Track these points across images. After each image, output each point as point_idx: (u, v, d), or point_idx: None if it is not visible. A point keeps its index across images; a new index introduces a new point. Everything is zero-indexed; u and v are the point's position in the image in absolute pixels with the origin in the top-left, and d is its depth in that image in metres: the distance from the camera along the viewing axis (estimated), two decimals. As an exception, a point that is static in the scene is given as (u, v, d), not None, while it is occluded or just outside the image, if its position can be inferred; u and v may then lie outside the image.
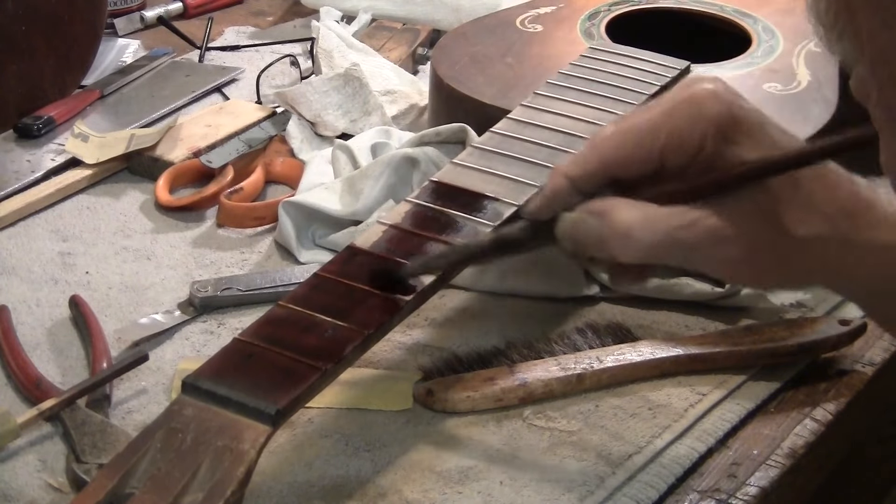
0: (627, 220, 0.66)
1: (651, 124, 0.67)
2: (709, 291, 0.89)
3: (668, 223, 0.66)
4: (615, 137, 0.68)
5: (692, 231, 0.66)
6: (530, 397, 0.80)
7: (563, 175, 0.69)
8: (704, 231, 0.65)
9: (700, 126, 0.66)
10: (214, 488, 0.60)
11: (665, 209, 0.66)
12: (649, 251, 0.66)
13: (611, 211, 0.67)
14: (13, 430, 0.75)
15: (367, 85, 1.12)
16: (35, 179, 1.06)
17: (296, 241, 0.96)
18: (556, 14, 1.13)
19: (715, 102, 0.66)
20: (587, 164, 0.69)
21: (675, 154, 0.67)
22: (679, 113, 0.67)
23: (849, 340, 0.85)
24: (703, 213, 0.66)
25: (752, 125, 0.66)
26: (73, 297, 0.89)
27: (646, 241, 0.66)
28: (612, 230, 0.66)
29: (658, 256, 0.67)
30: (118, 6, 1.41)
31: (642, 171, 0.67)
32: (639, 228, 0.66)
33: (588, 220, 0.67)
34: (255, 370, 0.66)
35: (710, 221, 0.66)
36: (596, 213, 0.67)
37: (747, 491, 0.75)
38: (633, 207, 0.66)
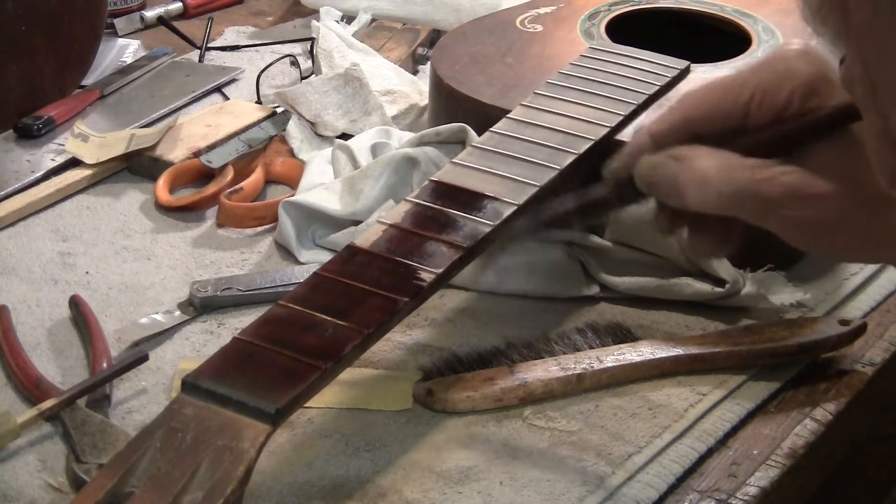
0: (706, 166, 0.64)
1: (738, 78, 0.66)
2: (709, 291, 0.89)
3: (748, 174, 0.63)
4: (700, 91, 0.67)
5: (774, 184, 0.63)
6: (530, 397, 0.80)
7: (645, 131, 0.68)
8: (787, 186, 0.63)
9: (789, 83, 0.64)
10: (214, 487, 0.60)
11: (747, 160, 0.64)
12: (725, 201, 0.64)
13: (691, 156, 0.65)
14: (13, 430, 0.75)
15: (367, 85, 1.12)
16: (35, 179, 1.06)
17: (296, 241, 0.96)
18: (556, 14, 1.13)
19: (806, 62, 0.65)
20: (671, 118, 0.67)
21: (760, 109, 0.65)
22: (767, 69, 0.66)
23: (849, 340, 0.85)
24: (787, 167, 0.63)
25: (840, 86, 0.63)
26: (73, 297, 0.89)
27: (723, 189, 0.64)
28: (690, 175, 0.64)
29: (734, 208, 0.64)
30: (118, 6, 1.41)
31: (726, 125, 0.66)
32: (717, 176, 0.64)
33: (667, 163, 0.66)
34: (255, 369, 0.66)
35: (795, 177, 0.63)
36: (676, 157, 0.65)
37: (747, 491, 0.75)
38: (714, 155, 0.64)
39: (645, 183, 0.67)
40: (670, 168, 0.66)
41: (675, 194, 0.65)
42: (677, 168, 0.65)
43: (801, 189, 0.63)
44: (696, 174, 0.64)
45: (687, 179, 0.65)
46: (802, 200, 0.63)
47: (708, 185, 0.64)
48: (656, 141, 0.67)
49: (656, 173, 0.66)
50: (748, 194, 0.63)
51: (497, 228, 0.77)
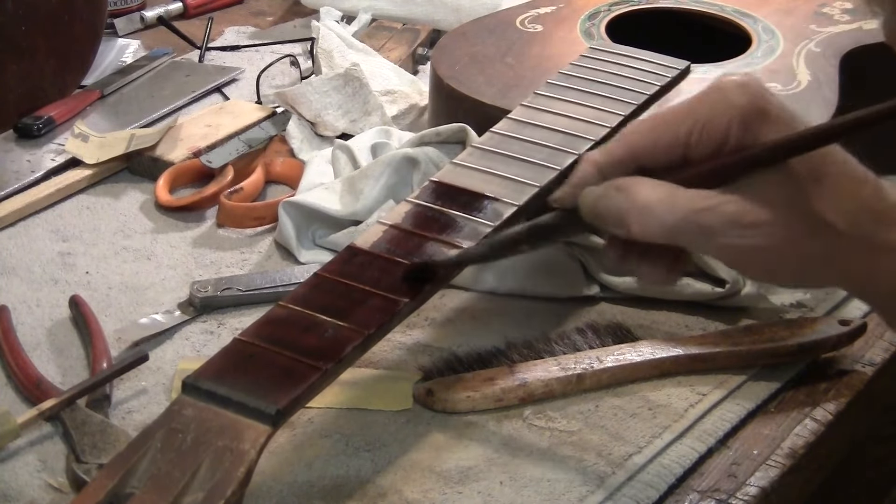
0: (649, 196, 0.65)
1: (677, 112, 0.67)
2: (709, 291, 0.89)
3: (689, 204, 0.65)
4: (642, 125, 0.69)
5: (714, 214, 0.64)
6: (530, 397, 0.80)
7: (590, 162, 0.69)
8: (727, 215, 0.64)
9: (726, 114, 0.65)
10: (214, 488, 0.60)
11: (688, 191, 0.65)
12: (668, 230, 0.65)
13: (633, 186, 0.66)
14: (13, 430, 0.75)
15: (367, 85, 1.12)
16: (35, 179, 1.06)
17: (296, 241, 0.96)
18: (556, 14, 1.13)
19: (742, 92, 0.66)
20: (614, 151, 0.68)
21: (700, 142, 0.66)
22: (705, 101, 0.67)
23: (849, 340, 0.85)
24: (726, 197, 0.65)
25: (779, 117, 0.66)
26: (73, 297, 0.89)
27: (665, 219, 0.65)
28: (633, 205, 0.65)
29: (676, 237, 0.66)
30: (118, 6, 1.41)
31: (668, 158, 0.67)
32: (659, 206, 0.65)
33: (610, 193, 0.67)
34: (256, 370, 0.66)
35: (734, 206, 0.65)
36: (619, 188, 0.66)
37: (747, 491, 0.75)
38: (656, 185, 0.66)
39: (590, 213, 0.68)
40: (613, 199, 0.67)
41: (619, 224, 0.66)
42: (620, 198, 0.66)
43: (740, 217, 0.64)
44: (639, 204, 0.66)
45: (630, 210, 0.66)
46: (742, 228, 0.64)
47: (650, 214, 0.65)
48: (601, 172, 0.68)
49: (600, 204, 0.67)
50: (689, 223, 0.65)
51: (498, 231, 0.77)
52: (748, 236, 0.65)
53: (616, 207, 0.66)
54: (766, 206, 0.64)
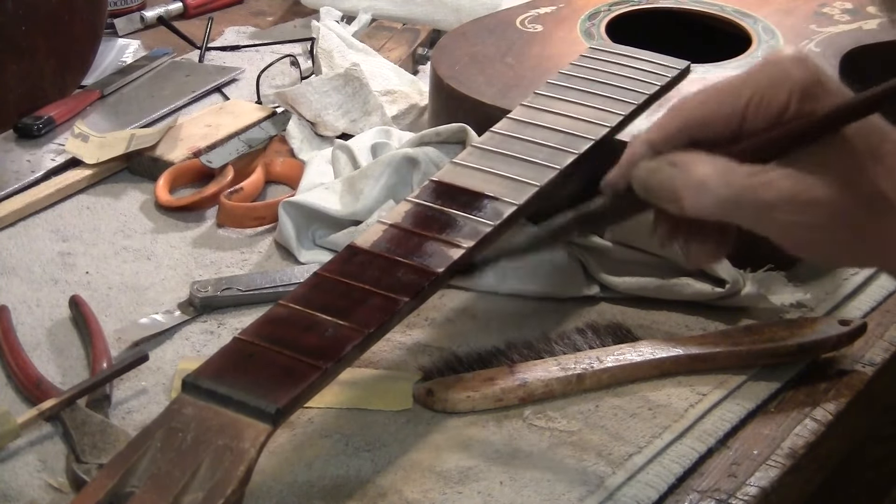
0: (704, 171, 0.64)
1: (735, 83, 0.66)
2: (709, 291, 0.89)
3: (745, 179, 0.63)
4: (696, 97, 0.67)
5: (770, 189, 0.63)
6: (530, 397, 0.80)
7: (641, 140, 0.67)
8: (784, 190, 0.63)
9: (785, 86, 0.64)
10: (215, 487, 0.60)
11: (744, 166, 0.64)
12: (722, 206, 0.64)
13: (688, 161, 0.65)
14: (13, 430, 0.75)
15: (367, 85, 1.12)
16: (35, 179, 1.06)
17: (296, 241, 0.96)
18: (556, 14, 1.13)
19: (800, 65, 0.65)
20: (667, 125, 0.67)
21: (757, 113, 0.65)
22: (763, 73, 0.66)
23: (849, 340, 0.85)
24: (784, 171, 0.63)
25: (837, 89, 0.65)
26: (73, 297, 0.89)
27: (720, 193, 0.63)
28: (687, 180, 0.64)
29: (732, 213, 0.64)
30: (118, 6, 1.41)
31: (723, 130, 0.66)
32: (714, 180, 0.64)
33: (664, 168, 0.65)
34: (256, 369, 0.66)
35: (792, 181, 0.63)
36: (673, 163, 0.65)
37: (747, 491, 0.75)
38: (711, 160, 0.64)
39: (643, 188, 0.67)
40: (668, 173, 0.65)
41: (673, 200, 0.65)
42: (675, 173, 0.65)
43: (797, 193, 0.63)
44: (694, 179, 0.64)
45: (684, 185, 0.65)
46: (799, 205, 0.63)
47: (705, 190, 0.64)
48: (654, 149, 0.67)
49: (654, 178, 0.66)
50: (746, 199, 0.63)
51: (498, 230, 0.77)
52: (805, 213, 0.63)
53: (670, 182, 0.65)
54: (825, 183, 0.63)
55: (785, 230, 0.65)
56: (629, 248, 0.92)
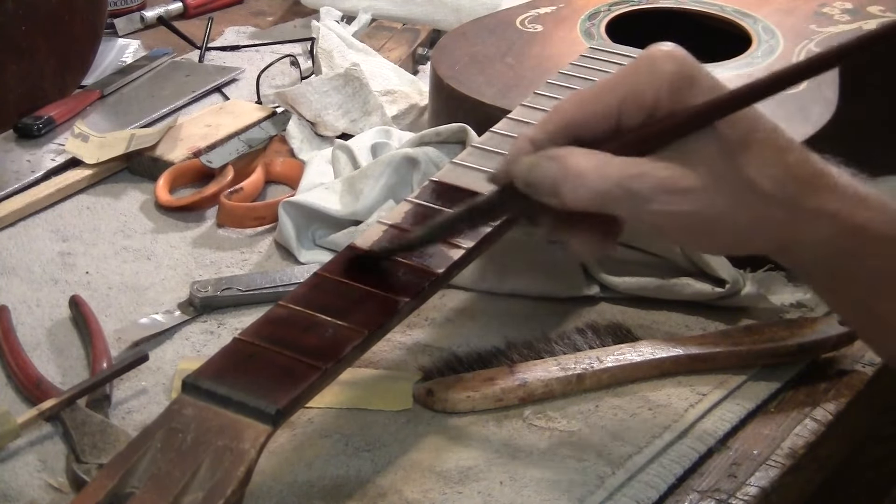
0: (581, 164, 0.66)
1: (608, 83, 0.69)
2: (709, 291, 0.89)
3: (620, 170, 0.66)
4: (574, 97, 0.70)
5: (645, 179, 0.66)
6: (530, 397, 0.80)
7: (524, 138, 0.70)
8: (658, 180, 0.66)
9: (655, 82, 0.67)
10: (214, 488, 0.60)
11: (620, 158, 0.66)
12: (600, 197, 0.66)
13: (566, 155, 0.67)
14: (13, 430, 0.75)
15: (367, 85, 1.12)
16: (35, 179, 1.06)
17: (296, 241, 0.96)
18: (556, 14, 1.13)
19: (670, 61, 0.67)
20: (548, 123, 0.70)
21: (631, 111, 0.67)
22: (634, 71, 0.68)
23: (849, 340, 0.85)
24: (657, 163, 0.66)
25: (706, 84, 0.67)
26: (73, 297, 0.89)
27: (597, 185, 0.66)
28: (565, 173, 0.67)
29: (608, 204, 0.67)
30: (118, 6, 1.41)
31: (601, 128, 0.68)
32: (591, 173, 0.66)
33: (543, 162, 0.68)
34: (256, 370, 0.65)
35: (665, 172, 0.66)
36: (551, 157, 0.68)
37: (747, 491, 0.75)
38: (588, 154, 0.67)
39: (523, 183, 0.69)
40: (545, 167, 0.67)
41: (552, 193, 0.67)
42: (553, 167, 0.67)
43: (670, 183, 0.65)
44: (571, 172, 0.66)
45: (563, 178, 0.67)
46: (673, 193, 0.65)
47: (582, 182, 0.66)
48: (536, 147, 0.69)
49: (533, 173, 0.68)
50: (621, 189, 0.66)
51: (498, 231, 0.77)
52: (679, 202, 0.66)
53: (549, 176, 0.67)
54: (697, 172, 0.66)
55: (660, 219, 0.67)
56: (629, 248, 0.92)
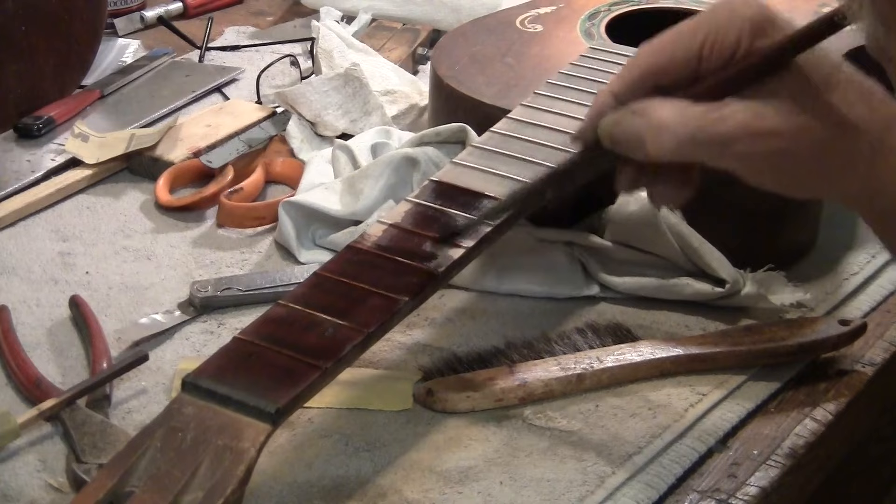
0: (663, 114, 0.67)
1: (687, 28, 0.69)
2: (709, 291, 0.89)
3: (701, 116, 0.66)
4: (654, 45, 0.70)
5: (727, 123, 0.66)
6: (530, 397, 0.80)
7: (606, 92, 0.70)
8: (740, 122, 0.66)
9: (735, 25, 0.67)
10: (214, 487, 0.60)
11: (700, 104, 0.66)
12: (683, 145, 0.66)
13: (648, 107, 0.67)
14: (13, 430, 0.75)
15: (367, 85, 1.12)
16: (35, 179, 1.06)
17: (296, 241, 0.96)
18: (556, 14, 1.13)
19: (749, 5, 0.68)
20: (628, 75, 0.70)
21: (712, 54, 0.67)
22: (714, 16, 0.68)
23: (849, 340, 0.85)
24: (739, 105, 0.66)
25: (785, 23, 0.67)
26: (73, 297, 0.89)
27: (680, 133, 0.66)
28: (648, 125, 0.67)
29: (692, 151, 0.67)
30: (118, 6, 1.41)
31: (682, 74, 0.68)
32: (673, 122, 0.66)
33: (627, 117, 0.68)
34: (255, 369, 0.66)
35: (747, 113, 0.66)
36: (634, 112, 0.68)
37: (747, 491, 0.75)
38: (669, 103, 0.67)
39: (609, 140, 0.69)
40: (630, 121, 0.68)
41: (637, 146, 0.68)
42: (636, 121, 0.68)
43: (753, 124, 0.66)
44: (654, 123, 0.67)
45: (646, 130, 0.67)
46: (755, 135, 0.66)
47: (666, 132, 0.67)
48: (618, 99, 0.70)
49: (618, 129, 0.69)
50: (703, 134, 0.66)
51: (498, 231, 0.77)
52: (764, 143, 0.66)
53: (634, 130, 0.68)
54: (781, 112, 0.65)
55: (744, 161, 0.67)
56: (629, 248, 0.92)
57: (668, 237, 0.90)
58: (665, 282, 0.90)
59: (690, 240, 0.90)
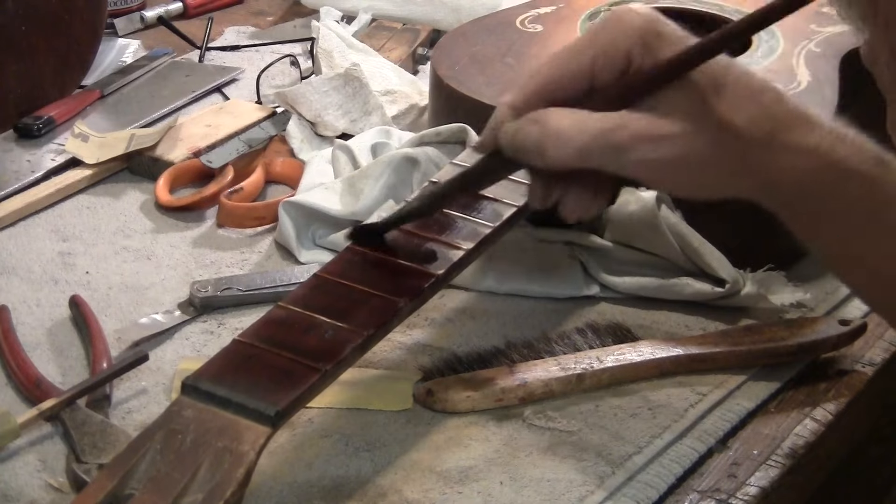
0: (562, 123, 0.69)
1: (580, 44, 0.71)
2: (709, 291, 0.89)
3: (599, 124, 0.68)
4: (550, 60, 0.72)
5: (624, 131, 0.68)
6: (530, 397, 0.80)
7: (504, 105, 0.72)
8: (635, 131, 0.68)
9: (625, 38, 0.69)
10: (214, 489, 0.60)
11: (597, 113, 0.69)
12: (581, 152, 0.68)
13: (546, 116, 0.70)
14: (13, 430, 0.75)
15: (367, 85, 1.12)
16: (35, 179, 1.06)
17: (296, 241, 0.96)
18: (556, 14, 1.13)
19: (637, 17, 0.70)
20: (525, 88, 0.72)
21: (604, 69, 0.70)
22: (605, 30, 0.70)
23: (849, 340, 0.85)
24: (634, 114, 0.68)
25: (675, 37, 0.69)
26: (73, 297, 0.89)
27: (578, 141, 0.68)
28: (547, 132, 0.69)
29: (590, 158, 0.69)
30: (118, 6, 1.41)
31: (577, 88, 0.70)
32: (571, 130, 0.69)
33: (525, 126, 0.70)
34: (255, 371, 0.66)
35: (642, 121, 0.68)
36: (533, 120, 0.70)
37: (747, 491, 0.75)
38: (567, 112, 0.69)
39: (510, 148, 0.71)
40: (529, 130, 0.70)
41: (538, 154, 0.70)
42: (536, 129, 0.70)
43: (648, 131, 0.68)
44: (553, 131, 0.69)
45: (545, 138, 0.69)
46: (652, 141, 0.68)
47: (564, 139, 0.69)
48: (516, 112, 0.71)
49: (517, 137, 0.71)
50: (601, 142, 0.68)
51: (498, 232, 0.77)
52: (659, 149, 0.68)
53: (533, 138, 0.70)
54: (674, 119, 0.68)
55: (642, 167, 0.69)
56: (629, 248, 0.92)
57: (668, 237, 0.90)
58: (665, 282, 0.90)
59: (690, 240, 0.90)
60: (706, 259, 0.90)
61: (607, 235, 0.92)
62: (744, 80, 0.69)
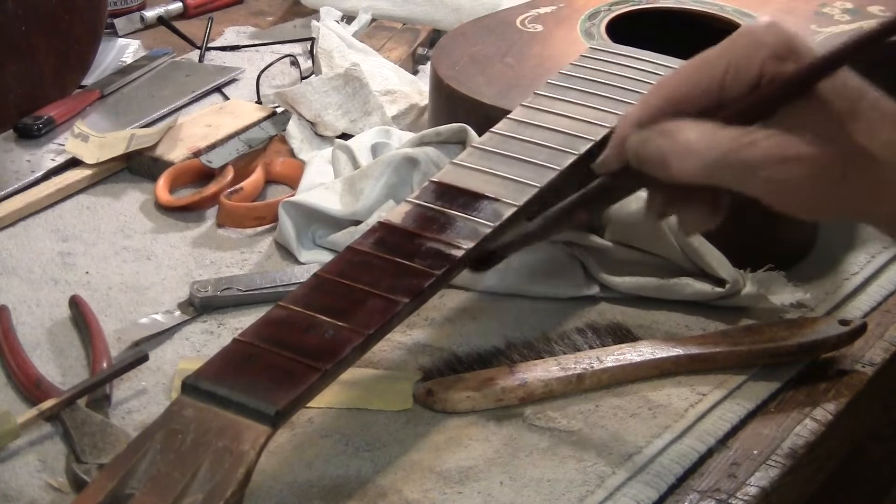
0: (690, 135, 0.67)
1: (710, 57, 0.69)
2: (709, 291, 0.89)
3: (730, 140, 0.66)
4: (677, 74, 0.70)
5: (756, 148, 0.65)
6: (530, 397, 0.80)
7: (629, 120, 0.70)
8: (768, 149, 0.65)
9: (758, 53, 0.67)
10: (214, 489, 0.60)
11: (729, 129, 0.66)
12: (709, 168, 0.66)
13: (675, 128, 0.68)
14: (13, 430, 0.75)
15: (367, 85, 1.12)
16: (35, 179, 1.06)
17: (296, 241, 0.96)
18: (556, 14, 1.13)
19: (770, 32, 0.67)
20: (651, 103, 0.70)
21: (734, 83, 0.68)
22: (737, 44, 0.68)
23: (849, 340, 0.85)
24: (767, 131, 0.66)
25: (807, 52, 0.67)
26: (73, 297, 0.89)
27: (706, 156, 0.66)
28: (675, 146, 0.67)
29: (719, 175, 0.67)
30: (118, 6, 1.41)
31: (705, 102, 0.68)
32: (701, 143, 0.66)
33: (654, 136, 0.68)
34: (255, 371, 0.65)
35: (775, 140, 0.65)
36: (661, 131, 0.68)
37: (747, 491, 0.75)
38: (697, 125, 0.67)
39: (636, 158, 0.69)
40: (657, 141, 0.68)
41: (663, 166, 0.68)
42: (664, 141, 0.68)
43: (780, 150, 0.65)
44: (681, 143, 0.67)
45: (673, 150, 0.67)
46: (783, 162, 0.65)
47: (692, 153, 0.66)
48: (641, 127, 0.70)
49: (645, 147, 0.69)
50: (731, 159, 0.66)
51: (498, 231, 0.77)
52: (791, 170, 0.65)
53: (660, 149, 0.67)
54: (806, 141, 0.65)
55: (770, 188, 0.67)
56: (629, 248, 0.92)
57: (668, 237, 0.90)
58: (665, 282, 0.90)
59: (690, 240, 0.90)
60: (706, 259, 0.90)
61: (607, 235, 0.92)
62: (879, 104, 0.66)
